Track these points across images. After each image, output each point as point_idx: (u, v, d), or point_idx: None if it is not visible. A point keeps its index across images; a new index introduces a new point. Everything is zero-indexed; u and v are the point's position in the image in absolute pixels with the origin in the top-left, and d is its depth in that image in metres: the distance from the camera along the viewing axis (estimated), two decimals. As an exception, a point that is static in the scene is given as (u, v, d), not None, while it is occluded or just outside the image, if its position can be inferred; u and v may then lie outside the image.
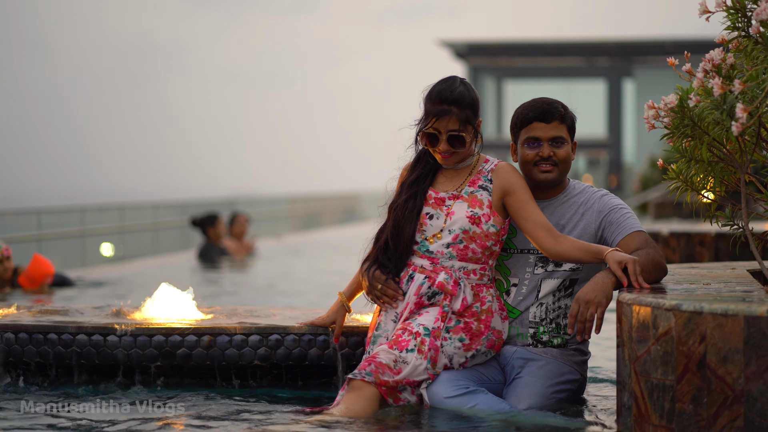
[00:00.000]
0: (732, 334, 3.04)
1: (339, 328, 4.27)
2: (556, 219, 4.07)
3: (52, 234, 13.48)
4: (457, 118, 3.93)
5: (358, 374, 3.82)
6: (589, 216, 4.05)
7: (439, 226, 3.98)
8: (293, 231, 22.30)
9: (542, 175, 4.05)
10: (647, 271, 3.71)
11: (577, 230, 4.04)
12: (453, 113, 3.93)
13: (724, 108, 3.22)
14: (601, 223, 4.02)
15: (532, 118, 4.06)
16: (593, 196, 4.09)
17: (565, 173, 4.10)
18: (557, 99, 4.15)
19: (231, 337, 4.32)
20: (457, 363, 3.92)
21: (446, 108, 3.93)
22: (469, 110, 3.96)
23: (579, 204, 4.08)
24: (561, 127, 4.06)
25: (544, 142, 4.04)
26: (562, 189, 4.12)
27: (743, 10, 3.34)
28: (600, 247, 3.82)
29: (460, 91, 3.96)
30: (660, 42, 40.42)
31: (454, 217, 3.96)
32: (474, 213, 3.96)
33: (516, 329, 4.06)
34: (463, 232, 3.95)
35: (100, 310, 4.88)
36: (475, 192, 3.99)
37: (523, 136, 4.07)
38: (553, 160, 4.04)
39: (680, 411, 3.15)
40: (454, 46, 42.18)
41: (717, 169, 3.55)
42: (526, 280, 4.07)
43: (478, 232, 3.95)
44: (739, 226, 3.72)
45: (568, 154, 4.07)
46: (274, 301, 8.96)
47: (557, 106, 4.08)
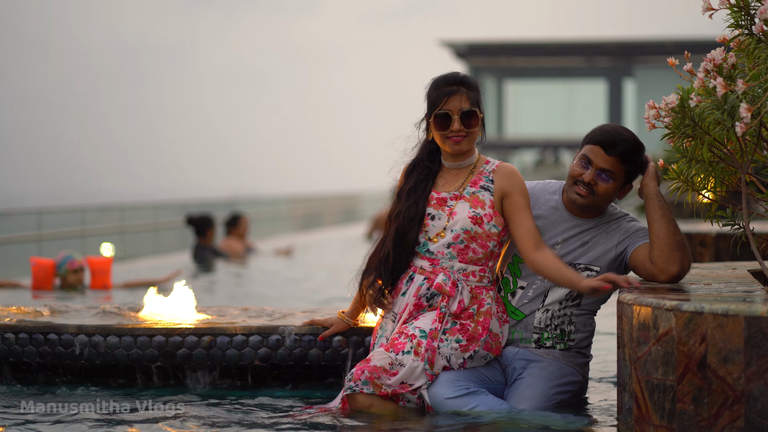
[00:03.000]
0: (732, 335, 3.03)
1: (330, 332, 4.30)
2: (582, 237, 4.02)
3: (52, 234, 13.47)
4: (468, 96, 3.98)
5: (356, 387, 3.82)
6: (613, 234, 3.99)
7: (442, 225, 3.97)
8: (293, 231, 22.28)
9: (575, 196, 3.98)
10: (678, 233, 3.77)
11: (599, 246, 3.98)
12: (463, 92, 3.98)
13: (725, 108, 3.22)
14: (623, 240, 3.97)
15: (597, 140, 3.95)
16: (622, 218, 4.04)
17: (600, 206, 4.00)
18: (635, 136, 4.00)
19: (231, 338, 4.32)
20: (456, 363, 3.91)
21: (455, 88, 3.99)
22: (476, 92, 4.02)
23: (608, 224, 4.02)
24: (618, 164, 3.92)
25: (593, 167, 3.95)
26: (600, 215, 4.06)
27: (747, 7, 3.34)
28: (577, 278, 3.83)
29: (465, 75, 4.05)
30: (660, 42, 40.41)
31: (456, 217, 3.95)
32: (476, 213, 3.95)
33: (520, 333, 4.04)
34: (464, 231, 3.94)
35: (97, 309, 4.87)
36: (476, 192, 3.99)
37: (582, 151, 4.00)
38: (592, 189, 3.95)
39: (681, 411, 3.14)
40: (454, 46, 42.18)
41: (718, 169, 3.54)
42: (534, 285, 4.05)
43: (480, 232, 3.95)
44: (740, 226, 3.71)
45: (611, 192, 3.96)
46: (273, 301, 8.96)
47: (627, 144, 3.92)
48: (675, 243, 3.77)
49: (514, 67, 44.25)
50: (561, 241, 4.04)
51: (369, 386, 3.81)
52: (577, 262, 4.00)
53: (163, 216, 17.08)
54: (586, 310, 4.05)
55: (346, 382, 3.86)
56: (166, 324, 4.42)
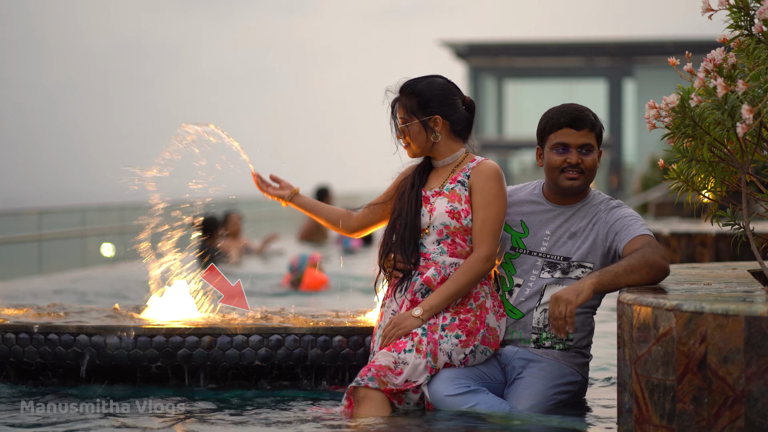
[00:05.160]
0: (733, 335, 3.04)
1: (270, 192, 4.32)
2: (568, 226, 4.05)
3: (52, 234, 13.46)
4: (401, 105, 4.05)
5: (361, 381, 3.82)
6: (599, 227, 4.02)
7: (426, 222, 4.00)
8: (293, 231, 22.25)
9: (568, 182, 4.01)
10: (636, 272, 3.69)
11: (588, 241, 4.02)
12: (401, 101, 4.05)
13: (726, 108, 3.22)
14: (607, 234, 3.99)
15: (563, 123, 4.00)
16: (606, 207, 4.06)
17: (590, 181, 4.07)
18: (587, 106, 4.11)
19: (232, 338, 4.32)
20: (457, 360, 3.92)
21: (398, 97, 4.07)
22: (415, 100, 4.02)
23: (593, 214, 4.05)
24: (590, 135, 4.01)
25: (573, 148, 4.00)
26: (582, 197, 4.09)
27: (746, 8, 3.34)
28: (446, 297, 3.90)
29: (411, 82, 4.06)
30: (661, 42, 40.38)
31: (436, 213, 3.99)
32: (453, 208, 3.97)
33: (519, 334, 4.04)
34: (444, 227, 3.97)
35: (99, 310, 4.88)
36: (454, 187, 4.01)
37: (552, 141, 4.03)
38: (580, 168, 4.00)
39: (681, 411, 3.14)
40: (454, 46, 42.16)
41: (718, 169, 3.54)
42: (530, 283, 4.05)
43: (457, 227, 3.96)
44: (740, 226, 3.71)
45: (595, 163, 4.04)
46: (273, 301, 8.96)
47: (588, 113, 4.04)
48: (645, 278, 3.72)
49: (514, 67, 44.22)
50: (549, 233, 4.07)
51: (375, 381, 3.81)
52: (570, 258, 4.00)
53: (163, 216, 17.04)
54: (585, 308, 4.05)
55: (352, 382, 3.87)
56: (166, 324, 4.42)
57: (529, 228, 4.09)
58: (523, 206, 4.13)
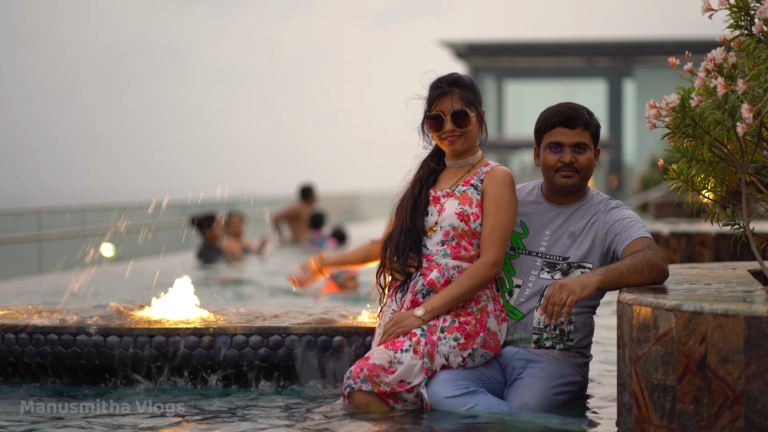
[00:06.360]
0: (732, 335, 3.03)
1: (307, 281, 4.42)
2: (568, 226, 4.06)
3: (52, 234, 13.46)
4: (459, 96, 4.02)
5: (354, 385, 3.83)
6: (597, 227, 4.03)
7: (433, 221, 4.00)
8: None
9: (563, 180, 4.03)
10: (638, 273, 3.70)
11: (587, 241, 4.02)
12: (454, 92, 4.03)
13: (726, 108, 3.22)
14: (606, 235, 4.00)
15: (556, 122, 4.03)
16: (605, 207, 4.06)
17: (586, 180, 4.08)
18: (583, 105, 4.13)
19: (231, 338, 4.32)
20: (455, 362, 3.92)
21: (447, 89, 4.03)
22: (470, 91, 4.03)
23: (592, 214, 4.05)
24: (585, 133, 4.02)
25: (566, 147, 4.02)
26: (581, 197, 4.10)
27: (746, 8, 3.34)
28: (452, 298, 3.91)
29: (459, 75, 4.07)
30: (661, 42, 40.39)
31: (445, 214, 3.98)
32: (463, 210, 3.97)
33: (519, 334, 4.04)
34: (452, 228, 3.97)
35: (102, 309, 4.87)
36: (466, 190, 4.01)
37: (546, 141, 4.06)
38: (575, 167, 4.01)
39: (681, 411, 3.14)
40: (454, 46, 42.17)
41: (718, 169, 3.54)
42: (530, 283, 4.05)
43: (466, 229, 3.96)
44: (740, 226, 3.71)
45: (590, 161, 4.04)
46: (273, 301, 8.96)
47: (582, 112, 4.05)
48: (647, 279, 3.72)
49: (514, 67, 44.22)
50: (549, 233, 4.07)
51: (368, 384, 3.82)
52: (569, 258, 4.00)
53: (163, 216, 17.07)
54: (585, 308, 4.05)
55: (345, 380, 3.87)
56: (166, 324, 4.43)
57: (529, 228, 4.09)
58: (523, 206, 4.13)
